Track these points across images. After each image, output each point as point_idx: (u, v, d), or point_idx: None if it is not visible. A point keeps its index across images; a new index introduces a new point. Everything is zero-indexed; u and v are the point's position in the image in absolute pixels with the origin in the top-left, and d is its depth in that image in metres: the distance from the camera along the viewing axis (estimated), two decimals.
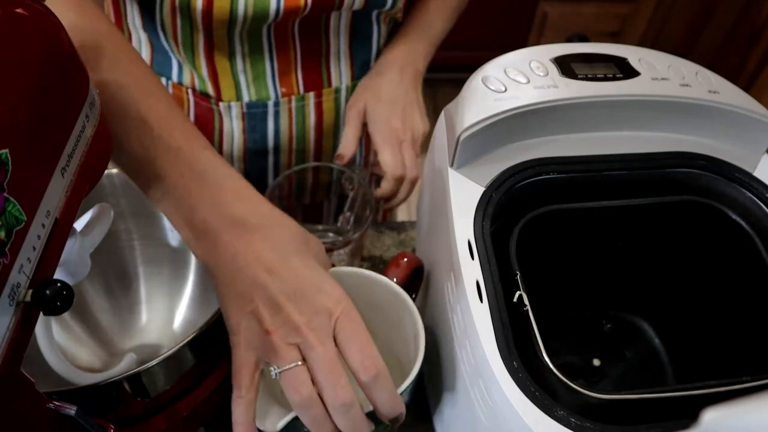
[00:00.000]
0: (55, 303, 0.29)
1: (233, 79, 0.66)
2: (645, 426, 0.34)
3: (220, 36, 0.62)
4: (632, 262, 0.54)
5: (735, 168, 0.48)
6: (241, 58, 0.65)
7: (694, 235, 0.49)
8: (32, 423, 0.32)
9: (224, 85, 0.67)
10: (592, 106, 0.47)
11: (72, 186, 0.33)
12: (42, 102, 0.30)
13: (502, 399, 0.35)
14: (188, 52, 0.65)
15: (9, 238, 0.27)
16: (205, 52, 0.64)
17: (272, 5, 0.58)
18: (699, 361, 0.53)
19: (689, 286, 0.53)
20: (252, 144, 0.72)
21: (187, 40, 0.64)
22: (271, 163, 0.75)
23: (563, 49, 0.50)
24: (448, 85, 2.30)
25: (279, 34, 0.64)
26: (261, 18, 0.60)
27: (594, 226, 0.49)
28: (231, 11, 0.58)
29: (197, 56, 0.65)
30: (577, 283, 0.55)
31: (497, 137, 0.47)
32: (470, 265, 0.41)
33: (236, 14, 0.58)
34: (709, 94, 0.48)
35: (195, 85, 0.68)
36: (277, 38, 0.64)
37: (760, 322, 0.45)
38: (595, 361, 0.55)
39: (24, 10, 0.29)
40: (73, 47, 0.33)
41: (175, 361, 0.42)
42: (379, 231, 0.76)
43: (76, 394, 0.38)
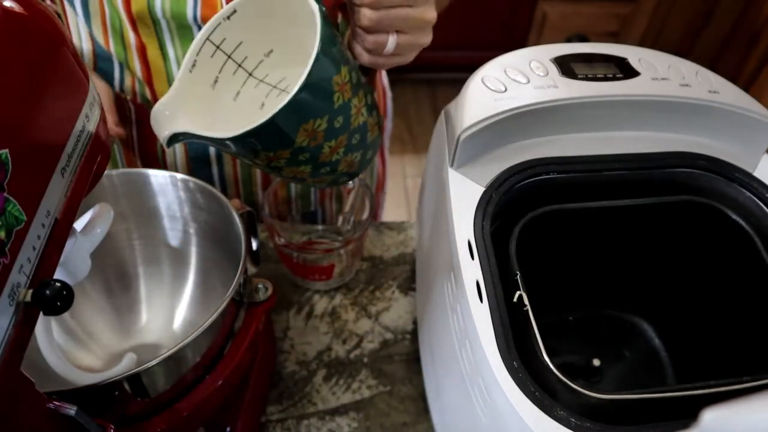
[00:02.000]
0: (55, 303, 0.29)
1: (169, 85, 0.63)
2: (645, 426, 0.34)
3: (147, 34, 0.60)
4: (632, 262, 0.54)
5: (735, 168, 0.48)
6: (175, 61, 0.62)
7: (694, 235, 0.49)
8: (32, 423, 0.32)
9: (160, 90, 0.65)
10: (592, 106, 0.47)
11: (72, 186, 0.33)
12: (42, 102, 0.30)
13: (502, 399, 0.35)
14: (119, 48, 0.63)
15: (9, 238, 0.27)
16: (138, 50, 0.62)
17: (189, 12, 0.57)
18: (699, 361, 0.53)
19: (689, 286, 0.53)
20: (194, 153, 0.70)
21: (118, 36, 0.62)
22: (216, 173, 0.72)
23: (563, 49, 0.50)
24: (448, 85, 2.31)
25: None
26: (182, 22, 0.58)
27: (594, 226, 0.49)
28: (149, 9, 0.57)
29: (129, 53, 0.63)
30: (577, 283, 0.55)
31: (497, 137, 0.47)
32: (470, 265, 0.41)
33: (155, 13, 0.57)
34: (709, 94, 0.48)
35: (136, 91, 0.66)
36: None
37: (760, 322, 0.45)
38: (595, 361, 0.55)
39: (24, 10, 0.29)
40: (73, 47, 0.33)
41: (175, 361, 0.42)
42: (379, 231, 0.76)
43: (76, 394, 0.38)
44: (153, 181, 0.56)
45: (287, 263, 0.67)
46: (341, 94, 0.42)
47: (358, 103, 0.44)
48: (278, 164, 0.44)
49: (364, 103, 0.45)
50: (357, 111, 0.44)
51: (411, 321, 0.67)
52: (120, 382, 0.39)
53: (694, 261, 0.51)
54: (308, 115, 0.41)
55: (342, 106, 0.43)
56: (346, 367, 0.63)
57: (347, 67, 0.43)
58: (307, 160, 0.44)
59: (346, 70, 0.42)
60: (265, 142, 0.41)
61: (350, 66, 0.44)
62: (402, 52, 0.45)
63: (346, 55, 0.44)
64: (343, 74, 0.42)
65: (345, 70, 0.42)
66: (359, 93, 0.45)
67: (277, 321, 0.66)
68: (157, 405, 0.44)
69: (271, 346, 0.61)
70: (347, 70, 0.43)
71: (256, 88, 0.49)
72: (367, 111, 0.46)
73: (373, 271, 0.71)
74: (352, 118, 0.44)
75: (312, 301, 0.68)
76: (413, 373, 0.62)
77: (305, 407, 0.59)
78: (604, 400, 0.34)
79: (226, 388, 0.47)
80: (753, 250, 0.45)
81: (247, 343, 0.49)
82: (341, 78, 0.42)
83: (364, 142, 0.47)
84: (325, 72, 0.40)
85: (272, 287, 0.53)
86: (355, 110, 0.44)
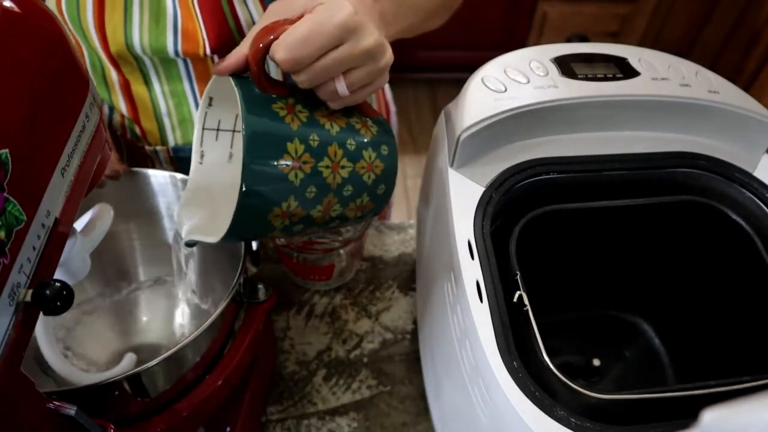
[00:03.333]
0: (55, 303, 0.29)
1: (157, 122, 0.63)
2: (645, 426, 0.34)
3: (130, 71, 0.59)
4: (632, 262, 0.54)
5: (735, 168, 0.48)
6: (162, 95, 0.61)
7: (694, 235, 0.49)
8: (32, 423, 0.32)
9: (148, 128, 0.64)
10: (592, 106, 0.47)
11: (72, 186, 0.33)
12: (42, 102, 0.30)
13: (502, 399, 0.35)
14: (102, 89, 0.62)
15: (9, 238, 0.27)
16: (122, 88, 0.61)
17: (169, 48, 0.55)
18: (699, 361, 0.53)
19: (689, 286, 0.53)
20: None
21: (99, 77, 0.61)
22: None
23: (563, 49, 0.50)
24: (448, 85, 2.31)
25: (200, 70, 0.58)
26: (164, 57, 0.57)
27: (594, 226, 0.49)
28: (128, 48, 0.55)
29: (113, 92, 0.62)
30: (577, 283, 0.55)
31: (497, 137, 0.47)
32: (470, 265, 0.41)
33: (135, 51, 0.56)
34: (709, 94, 0.48)
35: (125, 125, 0.65)
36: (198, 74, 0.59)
37: (760, 322, 0.45)
38: (595, 361, 0.55)
39: (24, 11, 0.29)
40: (72, 47, 0.33)
41: (175, 361, 0.42)
42: (379, 231, 0.76)
43: (76, 394, 0.38)
44: (153, 181, 0.56)
45: (287, 263, 0.67)
46: (299, 171, 0.39)
47: (331, 161, 0.40)
48: (281, 236, 0.43)
49: (343, 155, 0.41)
50: (333, 170, 0.40)
51: (411, 321, 0.67)
52: (120, 382, 0.39)
53: (694, 261, 0.51)
54: (268, 208, 0.38)
55: (307, 179, 0.39)
56: (346, 367, 0.63)
57: (299, 138, 0.39)
58: (304, 228, 0.42)
59: (296, 143, 0.39)
60: (249, 235, 0.41)
61: (306, 130, 0.40)
62: (364, 83, 0.41)
63: (299, 122, 0.40)
64: (294, 149, 0.38)
65: (295, 144, 0.39)
66: (330, 149, 0.40)
67: (277, 321, 0.66)
68: (157, 405, 0.44)
69: (271, 346, 0.61)
70: (299, 140, 0.39)
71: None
72: (352, 159, 0.42)
73: (373, 271, 0.71)
74: (329, 180, 0.40)
75: (312, 301, 0.68)
76: (413, 373, 0.62)
77: (305, 407, 0.59)
78: (604, 400, 0.34)
79: (226, 388, 0.47)
80: (753, 250, 0.45)
81: (247, 343, 0.49)
82: (293, 155, 0.38)
83: (362, 187, 0.43)
84: (266, 163, 0.37)
85: (272, 287, 0.53)
86: (329, 171, 0.40)
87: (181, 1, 0.54)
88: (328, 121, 0.41)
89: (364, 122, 0.44)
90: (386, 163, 0.44)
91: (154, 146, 0.65)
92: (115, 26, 0.55)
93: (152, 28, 0.54)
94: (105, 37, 0.55)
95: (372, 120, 0.44)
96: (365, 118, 0.44)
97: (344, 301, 0.68)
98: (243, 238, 0.45)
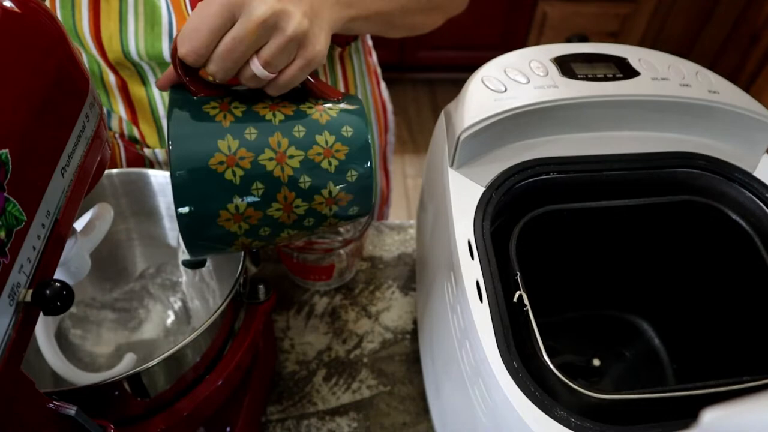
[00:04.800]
0: (55, 303, 0.29)
1: (155, 124, 0.63)
2: (645, 426, 0.34)
3: (128, 74, 0.59)
4: (632, 262, 0.54)
5: (735, 168, 0.48)
6: (159, 97, 0.61)
7: (694, 235, 0.49)
8: (32, 423, 0.32)
9: (146, 130, 0.64)
10: (592, 106, 0.47)
11: (72, 186, 0.33)
12: (42, 102, 0.30)
13: (502, 399, 0.35)
14: (102, 94, 0.62)
15: (9, 238, 0.27)
16: (120, 90, 0.61)
17: (165, 53, 0.55)
18: (699, 361, 0.53)
19: (689, 286, 0.53)
20: None
21: (98, 81, 0.61)
22: None
23: (563, 49, 0.50)
24: (448, 85, 2.31)
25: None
26: (161, 61, 0.56)
27: (594, 226, 0.49)
28: (125, 55, 0.56)
29: (112, 96, 0.62)
30: (577, 283, 0.55)
31: (497, 137, 0.47)
32: (470, 265, 0.41)
33: (131, 58, 0.56)
34: (709, 94, 0.48)
35: (123, 130, 0.65)
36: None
37: (760, 322, 0.45)
38: (595, 361, 0.55)
39: (24, 11, 0.29)
40: (72, 47, 0.33)
41: (175, 361, 0.42)
42: (379, 231, 0.76)
43: (76, 394, 0.38)
44: (153, 181, 0.56)
45: (287, 263, 0.67)
46: (235, 169, 0.37)
47: (275, 152, 0.38)
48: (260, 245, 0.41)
49: (289, 144, 0.38)
50: (278, 161, 0.38)
51: (411, 321, 0.67)
52: (120, 382, 0.39)
53: (694, 261, 0.51)
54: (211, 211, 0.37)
55: (248, 175, 0.37)
56: (346, 367, 0.63)
57: (232, 134, 0.37)
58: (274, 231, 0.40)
59: (229, 139, 0.37)
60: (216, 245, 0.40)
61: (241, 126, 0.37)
62: (282, 58, 0.38)
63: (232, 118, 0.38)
64: (226, 146, 0.37)
65: (227, 140, 0.37)
66: (272, 139, 0.38)
67: (277, 321, 0.66)
68: (157, 405, 0.44)
69: (271, 346, 0.61)
70: (232, 136, 0.37)
71: None
72: (302, 146, 0.38)
73: (373, 271, 0.71)
74: (276, 172, 0.38)
75: (312, 301, 0.68)
76: (413, 373, 0.62)
77: (305, 407, 0.59)
78: (604, 400, 0.34)
79: (226, 388, 0.47)
80: (753, 250, 0.45)
81: (247, 343, 0.49)
82: (225, 152, 0.36)
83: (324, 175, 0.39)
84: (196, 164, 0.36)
85: (272, 287, 0.53)
86: (274, 163, 0.37)
87: (176, 7, 0.54)
88: (270, 111, 0.39)
89: (320, 105, 0.40)
90: (351, 146, 0.39)
91: (152, 148, 0.65)
92: (111, 34, 0.55)
93: (148, 34, 0.55)
94: (102, 44, 0.56)
95: (333, 102, 0.41)
96: (321, 100, 0.41)
97: (344, 301, 0.68)
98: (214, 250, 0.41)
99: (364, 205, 0.41)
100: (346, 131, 0.39)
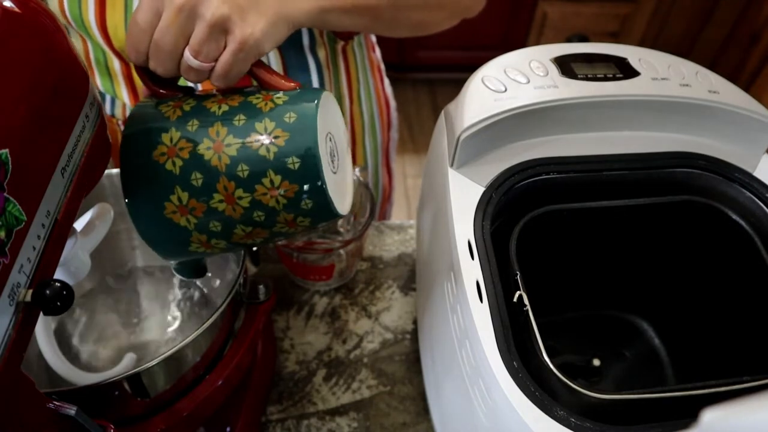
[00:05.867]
0: (55, 303, 0.29)
1: None
2: (645, 426, 0.34)
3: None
4: (632, 262, 0.54)
5: (735, 168, 0.48)
6: None
7: (694, 235, 0.49)
8: (32, 423, 0.32)
9: None
10: (592, 106, 0.47)
11: (72, 186, 0.33)
12: (42, 102, 0.30)
13: (502, 399, 0.35)
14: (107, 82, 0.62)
15: (9, 238, 0.27)
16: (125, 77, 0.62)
17: None
18: (699, 361, 0.53)
19: (689, 286, 0.53)
20: None
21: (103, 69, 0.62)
22: None
23: (563, 49, 0.50)
24: (448, 85, 2.31)
25: None
26: None
27: (594, 226, 0.49)
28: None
29: (116, 83, 0.62)
30: (577, 283, 0.55)
31: (497, 137, 0.47)
32: (470, 265, 0.41)
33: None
34: (709, 94, 0.48)
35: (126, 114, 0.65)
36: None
37: (760, 322, 0.45)
38: (595, 361, 0.55)
39: (23, 10, 0.29)
40: (72, 47, 0.33)
41: (175, 361, 0.42)
42: (379, 231, 0.76)
43: (76, 394, 0.38)
44: None
45: (287, 263, 0.67)
46: (175, 159, 0.38)
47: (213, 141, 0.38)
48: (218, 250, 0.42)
49: (228, 132, 0.38)
50: (216, 150, 0.38)
51: (411, 321, 0.67)
52: (120, 382, 0.39)
53: (694, 261, 0.51)
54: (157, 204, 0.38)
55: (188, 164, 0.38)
56: (346, 367, 0.63)
57: (175, 127, 0.38)
58: (226, 227, 0.40)
59: (172, 131, 0.38)
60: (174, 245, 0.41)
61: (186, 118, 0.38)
62: (210, 47, 0.38)
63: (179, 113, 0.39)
64: (169, 138, 0.38)
65: (170, 133, 0.38)
66: (211, 129, 0.38)
67: (277, 321, 0.66)
68: (157, 405, 0.44)
69: (271, 346, 0.61)
70: (176, 128, 0.38)
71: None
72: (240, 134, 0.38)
73: (373, 271, 0.71)
74: (213, 161, 0.38)
75: (312, 301, 0.68)
76: (413, 373, 0.62)
77: (305, 407, 0.59)
78: (604, 400, 0.34)
79: (226, 388, 0.47)
80: (753, 250, 0.45)
81: (247, 343, 0.49)
82: (167, 144, 0.38)
83: (262, 164, 0.38)
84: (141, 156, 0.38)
85: (272, 287, 0.53)
86: (211, 153, 0.38)
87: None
88: (217, 104, 0.39)
89: (268, 96, 0.40)
90: (293, 131, 0.38)
91: None
92: (116, 24, 0.55)
93: None
94: (107, 34, 0.56)
95: (283, 92, 0.40)
96: (272, 91, 0.40)
97: (344, 301, 0.68)
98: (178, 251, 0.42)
99: (318, 199, 0.38)
100: (288, 117, 0.38)
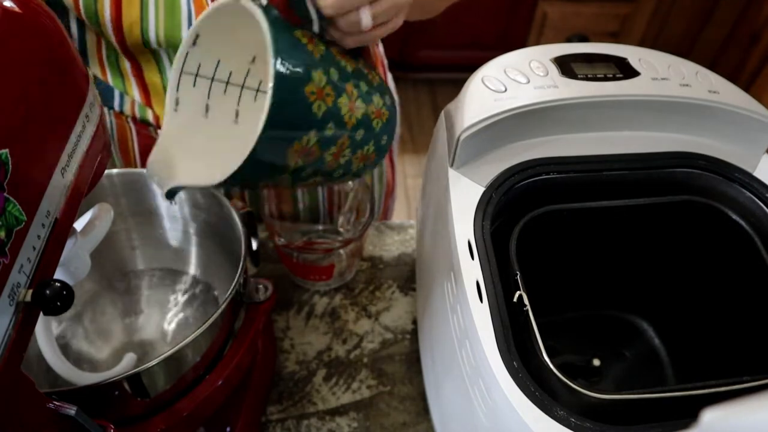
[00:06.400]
0: (55, 303, 0.29)
1: None
2: (645, 426, 0.34)
3: (145, 60, 0.60)
4: (632, 262, 0.54)
5: (735, 168, 0.48)
6: None
7: (694, 235, 0.49)
8: (32, 423, 0.32)
9: (161, 113, 0.64)
10: (592, 106, 0.47)
11: (72, 186, 0.33)
12: (42, 102, 0.30)
13: (502, 399, 0.35)
14: (117, 80, 0.63)
15: (9, 238, 0.27)
16: (135, 76, 0.62)
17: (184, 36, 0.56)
18: (699, 361, 0.53)
19: (689, 286, 0.53)
20: None
21: (114, 67, 0.62)
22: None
23: (563, 49, 0.50)
24: (448, 85, 2.31)
25: None
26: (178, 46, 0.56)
27: (594, 226, 0.49)
28: (143, 41, 0.57)
29: (127, 80, 0.63)
30: (577, 283, 0.55)
31: (497, 137, 0.47)
32: (470, 265, 0.41)
33: (150, 44, 0.57)
34: (709, 94, 0.48)
35: (136, 113, 0.65)
36: None
37: (760, 322, 0.45)
38: (595, 361, 0.55)
39: (23, 10, 0.29)
40: (72, 47, 0.33)
41: (175, 361, 0.42)
42: (379, 231, 0.76)
43: (76, 394, 0.38)
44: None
45: (287, 263, 0.67)
46: (322, 102, 0.37)
47: (348, 99, 0.39)
48: (285, 184, 0.41)
49: (357, 95, 0.40)
50: (350, 108, 0.39)
51: (411, 321, 0.67)
52: (120, 382, 0.39)
53: (694, 261, 0.51)
54: (289, 139, 0.37)
55: (328, 112, 0.38)
56: (346, 367, 0.63)
57: (322, 68, 0.38)
58: (312, 174, 0.41)
59: (320, 73, 0.37)
60: (257, 176, 0.38)
61: (326, 63, 0.38)
62: (385, 18, 0.40)
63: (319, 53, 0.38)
64: (318, 79, 0.37)
65: (319, 74, 0.37)
66: (348, 86, 0.39)
67: (277, 321, 0.66)
68: (157, 405, 0.44)
69: (271, 346, 0.61)
70: (322, 71, 0.38)
71: (255, 101, 0.45)
72: (365, 101, 0.41)
73: (373, 271, 0.71)
74: (345, 118, 0.39)
75: (312, 301, 0.68)
76: (413, 373, 0.62)
77: (305, 407, 0.59)
78: (604, 400, 0.34)
79: (226, 388, 0.47)
80: (753, 250, 0.45)
81: (247, 343, 0.49)
82: (316, 84, 0.37)
83: (371, 133, 0.42)
84: (292, 90, 0.36)
85: (272, 287, 0.53)
86: (346, 109, 0.39)
87: None
88: (342, 59, 0.40)
89: (370, 69, 0.43)
90: (390, 112, 0.43)
91: None
92: (132, 22, 0.56)
93: (168, 22, 0.56)
94: (122, 31, 0.57)
95: (375, 70, 0.43)
96: (370, 66, 0.43)
97: (344, 301, 0.68)
98: (246, 180, 0.41)
99: (368, 169, 0.45)
100: (388, 99, 0.43)
